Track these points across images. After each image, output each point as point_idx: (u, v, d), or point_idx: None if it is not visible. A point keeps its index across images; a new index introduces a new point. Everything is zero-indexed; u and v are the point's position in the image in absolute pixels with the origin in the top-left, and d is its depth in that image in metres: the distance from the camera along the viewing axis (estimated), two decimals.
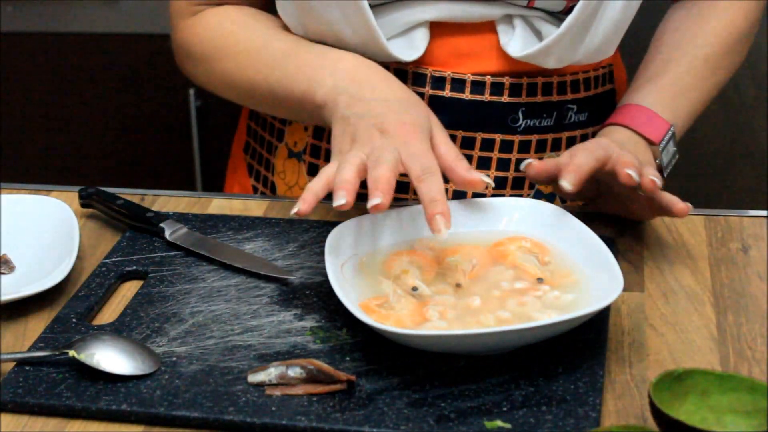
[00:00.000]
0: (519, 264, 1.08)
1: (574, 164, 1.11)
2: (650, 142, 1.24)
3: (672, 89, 1.28)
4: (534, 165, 1.14)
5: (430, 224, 1.04)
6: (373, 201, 1.03)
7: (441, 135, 1.14)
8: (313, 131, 1.32)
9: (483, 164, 1.28)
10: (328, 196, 1.32)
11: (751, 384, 0.91)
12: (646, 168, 1.12)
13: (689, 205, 1.11)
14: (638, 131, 1.24)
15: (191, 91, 2.14)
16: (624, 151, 1.14)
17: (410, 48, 1.25)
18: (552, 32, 1.23)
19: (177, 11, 1.33)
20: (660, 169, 1.24)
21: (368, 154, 1.08)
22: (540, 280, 1.06)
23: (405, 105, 1.14)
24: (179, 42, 1.33)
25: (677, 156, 1.26)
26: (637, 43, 1.35)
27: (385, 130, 1.11)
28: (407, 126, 1.11)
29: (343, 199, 1.04)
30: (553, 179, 1.14)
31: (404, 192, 1.29)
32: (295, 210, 1.05)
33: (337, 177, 1.06)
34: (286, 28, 1.29)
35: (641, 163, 1.13)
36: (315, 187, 1.06)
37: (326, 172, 1.07)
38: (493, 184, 1.10)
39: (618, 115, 1.26)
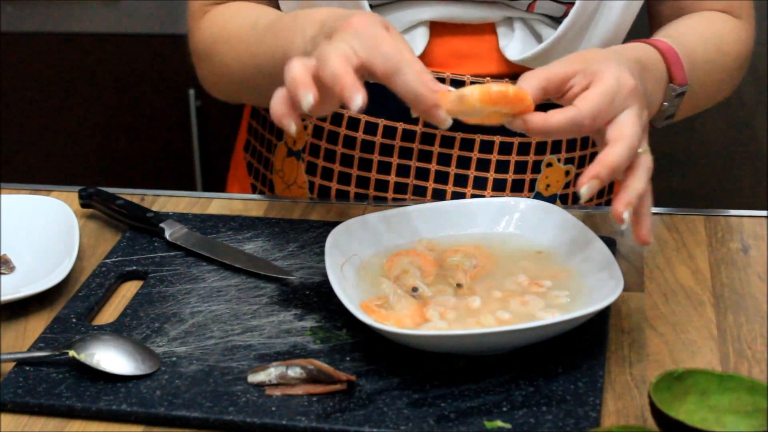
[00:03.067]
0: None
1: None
2: (670, 79, 1.15)
3: (689, 56, 1.18)
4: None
5: (430, 120, 0.98)
6: (354, 101, 0.95)
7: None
8: (313, 130, 1.32)
9: (482, 166, 1.28)
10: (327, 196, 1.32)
11: (751, 384, 0.91)
12: (633, 175, 1.00)
13: (650, 239, 1.01)
14: (668, 62, 1.15)
15: (191, 91, 2.14)
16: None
17: None
18: (551, 37, 1.22)
19: (191, 14, 1.32)
20: (659, 115, 1.16)
21: (316, 58, 0.99)
22: None
23: (357, 12, 1.05)
24: (191, 44, 1.32)
25: (670, 121, 1.18)
26: None
27: (332, 34, 1.02)
28: (353, 20, 1.01)
29: (309, 95, 0.96)
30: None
31: (403, 192, 1.29)
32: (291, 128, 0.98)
33: (287, 78, 0.98)
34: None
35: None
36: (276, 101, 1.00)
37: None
38: (450, 122, 1.00)
39: (650, 40, 1.17)
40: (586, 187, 0.97)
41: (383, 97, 1.29)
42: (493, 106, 1.00)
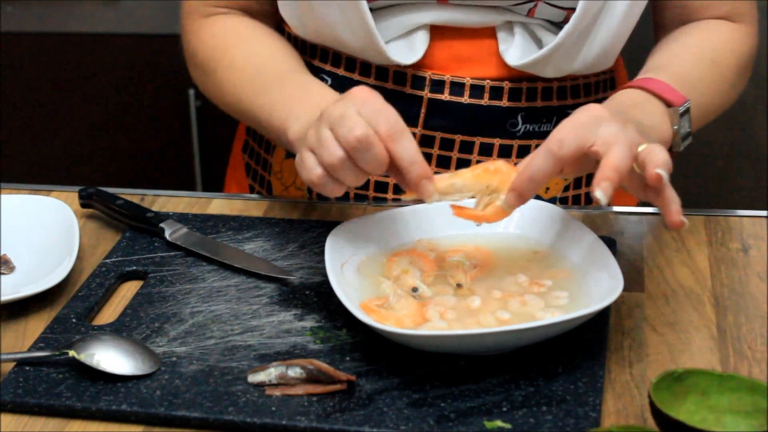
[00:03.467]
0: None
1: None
2: (668, 104, 1.16)
3: (681, 78, 1.20)
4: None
5: (418, 190, 1.02)
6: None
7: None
8: None
9: None
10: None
11: (751, 384, 0.91)
12: (651, 154, 1.00)
13: (685, 220, 1.00)
14: (655, 92, 1.16)
15: (191, 91, 2.14)
16: (613, 141, 0.99)
17: (410, 51, 1.25)
18: (551, 42, 1.22)
19: (188, 12, 1.32)
20: (676, 140, 1.16)
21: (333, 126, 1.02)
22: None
23: (356, 87, 1.08)
24: (186, 44, 1.33)
25: (690, 139, 1.18)
26: (641, 53, 1.35)
27: (342, 110, 1.04)
28: (354, 91, 1.05)
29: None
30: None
31: (402, 192, 1.29)
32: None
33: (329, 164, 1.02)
34: (288, 43, 1.29)
35: (647, 150, 1.01)
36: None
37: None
38: (436, 198, 1.04)
39: (631, 83, 1.18)
40: (599, 191, 0.97)
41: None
42: (484, 176, 1.04)
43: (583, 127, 1.00)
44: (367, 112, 1.02)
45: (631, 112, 1.11)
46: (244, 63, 1.25)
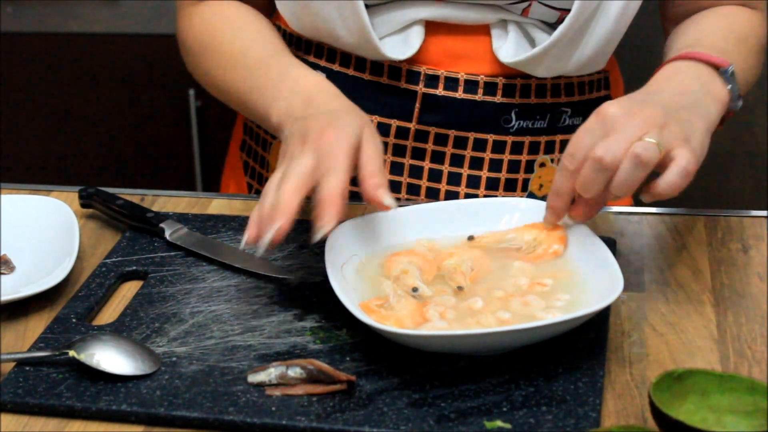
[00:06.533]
0: None
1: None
2: (715, 68, 1.13)
3: (715, 50, 1.16)
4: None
5: (316, 224, 1.02)
6: (273, 227, 1.02)
7: (368, 145, 1.06)
8: None
9: (475, 164, 1.28)
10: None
11: (751, 384, 0.91)
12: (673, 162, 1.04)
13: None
14: (701, 59, 1.13)
15: (191, 91, 2.15)
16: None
17: (404, 46, 1.25)
18: (545, 41, 1.22)
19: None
20: (732, 99, 1.15)
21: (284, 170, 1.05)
22: None
23: (336, 114, 1.09)
24: (179, 30, 1.33)
25: (741, 101, 1.15)
26: (640, 52, 1.35)
27: (306, 139, 1.06)
28: (328, 131, 1.06)
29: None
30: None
31: (397, 191, 1.29)
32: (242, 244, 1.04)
33: (258, 213, 1.04)
34: (277, 29, 1.29)
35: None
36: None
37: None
38: (395, 206, 1.04)
39: (671, 57, 1.15)
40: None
41: (376, 93, 1.29)
42: (532, 229, 1.11)
43: (588, 135, 1.02)
44: (318, 155, 1.04)
45: (674, 83, 1.10)
46: (230, 47, 1.26)
